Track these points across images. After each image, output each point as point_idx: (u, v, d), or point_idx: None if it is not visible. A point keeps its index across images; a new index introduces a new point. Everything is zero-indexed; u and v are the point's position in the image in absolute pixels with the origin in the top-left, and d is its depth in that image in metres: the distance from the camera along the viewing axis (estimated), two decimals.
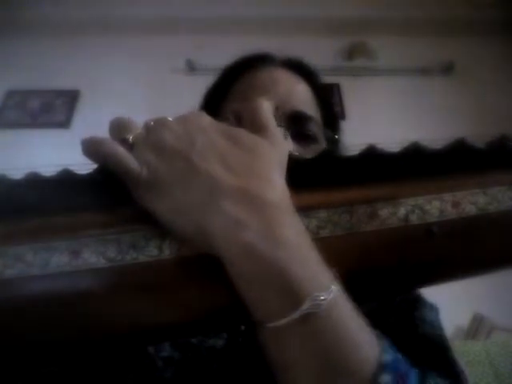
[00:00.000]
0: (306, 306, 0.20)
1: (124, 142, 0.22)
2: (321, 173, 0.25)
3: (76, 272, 0.21)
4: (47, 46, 1.91)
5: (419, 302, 0.41)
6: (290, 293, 0.20)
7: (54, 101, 1.85)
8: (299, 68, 0.51)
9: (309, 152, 0.41)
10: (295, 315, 0.20)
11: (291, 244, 0.21)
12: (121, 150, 0.21)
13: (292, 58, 0.53)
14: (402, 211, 0.24)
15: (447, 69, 1.91)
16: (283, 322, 0.20)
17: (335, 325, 0.20)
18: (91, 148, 0.22)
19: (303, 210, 0.24)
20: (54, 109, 1.83)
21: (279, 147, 0.24)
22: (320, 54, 1.84)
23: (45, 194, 0.23)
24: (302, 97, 0.47)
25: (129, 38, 1.92)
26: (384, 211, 0.24)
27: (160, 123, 0.23)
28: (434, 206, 0.24)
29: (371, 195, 0.24)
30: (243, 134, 0.23)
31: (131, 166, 0.21)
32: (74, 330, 0.22)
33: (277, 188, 0.22)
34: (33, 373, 0.29)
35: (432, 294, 0.39)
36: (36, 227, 0.22)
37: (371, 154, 0.25)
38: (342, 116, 1.77)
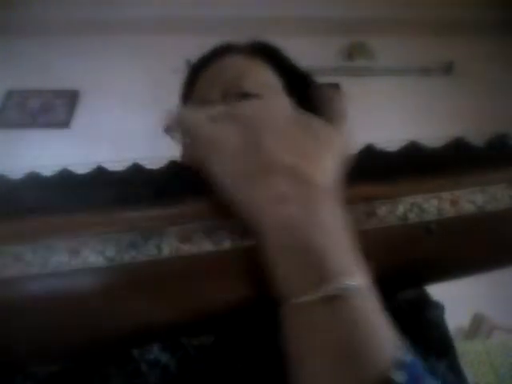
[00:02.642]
0: (331, 287, 0.20)
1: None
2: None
3: (75, 271, 0.21)
4: (47, 45, 1.92)
5: (425, 301, 0.40)
6: (319, 270, 0.20)
7: (54, 101, 1.85)
8: (255, 49, 0.49)
9: None
10: (320, 293, 0.20)
11: (329, 225, 0.22)
12: (202, 118, 0.25)
13: (253, 40, 0.51)
14: (400, 210, 0.24)
15: (447, 69, 1.91)
16: (307, 298, 0.20)
17: (358, 313, 0.21)
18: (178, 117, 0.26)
19: None
20: (54, 109, 1.84)
21: (343, 139, 0.26)
22: (320, 53, 1.85)
23: (44, 193, 0.23)
24: (254, 78, 0.45)
25: (129, 37, 1.92)
26: (382, 209, 0.24)
27: (245, 103, 0.27)
28: (433, 204, 0.24)
29: (369, 194, 0.24)
30: (316, 122, 0.25)
31: (208, 130, 0.24)
32: (74, 330, 0.22)
33: (327, 173, 0.23)
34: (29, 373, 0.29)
35: (432, 293, 0.39)
36: (35, 227, 0.22)
37: (369, 153, 0.25)
38: None
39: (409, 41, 1.95)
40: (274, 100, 0.26)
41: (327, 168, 0.23)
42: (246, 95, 0.41)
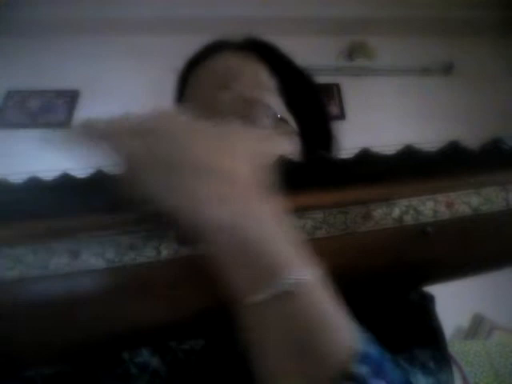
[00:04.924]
0: (281, 284, 0.20)
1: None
2: (316, 174, 0.25)
3: (75, 273, 0.22)
4: (47, 46, 1.91)
5: (426, 297, 0.40)
6: (266, 269, 0.20)
7: (54, 101, 1.85)
8: (249, 46, 0.48)
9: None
10: (270, 291, 0.20)
11: (268, 222, 0.22)
12: (117, 132, 0.24)
13: (248, 38, 0.49)
14: (396, 212, 0.24)
15: (447, 69, 1.91)
16: (259, 297, 0.20)
17: (310, 306, 0.21)
18: (89, 128, 0.24)
19: (299, 211, 0.24)
20: (54, 109, 1.83)
21: (250, 142, 0.25)
22: (320, 53, 1.85)
23: (44, 196, 0.23)
24: (247, 78, 0.44)
25: (129, 37, 1.92)
26: (378, 212, 0.24)
27: (155, 113, 0.25)
28: (428, 206, 0.25)
29: (365, 196, 0.25)
30: (225, 129, 0.25)
31: (125, 146, 0.23)
32: (73, 331, 0.23)
33: (251, 172, 0.23)
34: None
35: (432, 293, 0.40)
36: (36, 229, 0.22)
37: (365, 156, 0.25)
38: (342, 116, 1.77)
39: (409, 41, 1.94)
40: (173, 110, 0.27)
41: (249, 168, 0.23)
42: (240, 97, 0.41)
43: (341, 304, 0.22)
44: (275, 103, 0.42)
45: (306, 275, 0.20)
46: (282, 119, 0.42)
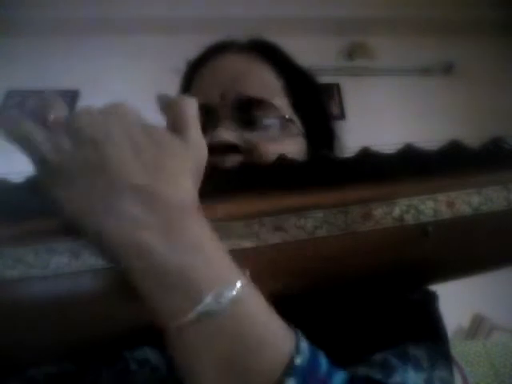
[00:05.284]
0: (205, 304, 0.19)
1: (44, 122, 0.22)
2: (316, 173, 0.25)
3: (76, 273, 0.22)
4: (47, 46, 1.91)
5: (429, 294, 0.39)
6: (189, 291, 0.20)
7: None
8: (254, 47, 0.47)
9: (255, 137, 0.38)
10: (195, 312, 0.19)
11: (191, 244, 0.21)
12: (34, 130, 0.21)
13: (253, 39, 0.49)
14: (396, 211, 0.24)
15: (447, 69, 1.91)
16: (184, 320, 0.19)
17: (238, 323, 0.20)
18: (4, 125, 0.22)
19: (299, 210, 0.24)
20: None
21: (196, 151, 0.24)
22: (320, 53, 1.84)
23: (45, 196, 0.23)
24: (253, 79, 0.43)
25: (129, 37, 1.92)
26: (378, 211, 0.24)
27: (84, 110, 0.23)
28: (429, 205, 0.25)
29: (366, 195, 0.25)
30: (163, 133, 0.23)
31: (40, 147, 0.21)
32: (74, 330, 0.23)
33: (182, 190, 0.22)
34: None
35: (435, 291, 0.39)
36: (36, 229, 0.22)
37: (366, 156, 0.25)
38: (342, 116, 1.77)
39: (409, 41, 1.94)
40: (118, 109, 0.23)
41: (181, 184, 0.22)
42: (245, 98, 0.41)
43: (273, 312, 0.21)
44: (283, 104, 0.42)
45: (231, 291, 0.20)
46: (289, 120, 0.41)
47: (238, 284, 0.20)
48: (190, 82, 0.48)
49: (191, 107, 0.25)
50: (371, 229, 0.24)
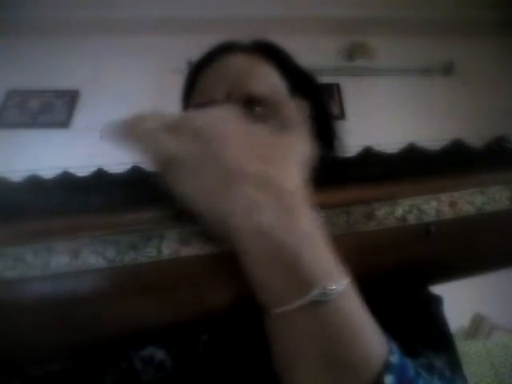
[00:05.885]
0: (314, 294, 0.20)
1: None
2: (318, 174, 0.25)
3: (76, 272, 0.22)
4: (47, 45, 1.92)
5: (427, 295, 0.40)
6: (300, 278, 0.20)
7: (54, 101, 1.85)
8: (259, 49, 0.48)
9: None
10: (303, 301, 0.20)
11: (306, 232, 0.21)
12: (157, 130, 0.23)
13: (257, 40, 0.50)
14: (399, 211, 0.24)
15: (447, 69, 1.91)
16: (290, 307, 0.20)
17: (342, 317, 0.20)
18: (129, 127, 0.24)
19: None
20: (54, 109, 1.84)
21: (303, 145, 0.25)
22: (320, 53, 1.85)
23: (45, 195, 0.23)
24: (259, 79, 0.44)
25: (129, 37, 1.92)
26: (381, 211, 0.24)
27: (195, 113, 0.25)
28: (432, 205, 0.24)
29: (368, 195, 0.24)
30: (269, 130, 0.25)
31: (168, 145, 0.23)
32: (74, 331, 0.22)
33: (294, 178, 0.23)
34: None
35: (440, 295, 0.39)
36: (36, 228, 0.22)
37: (368, 155, 0.25)
38: (342, 116, 1.77)
39: (409, 41, 1.95)
40: (224, 110, 0.26)
41: (292, 173, 0.23)
42: (251, 97, 0.41)
43: (369, 313, 0.22)
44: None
45: (340, 285, 0.20)
46: None
47: (344, 280, 0.21)
48: (193, 83, 0.49)
49: (298, 109, 0.27)
50: (374, 229, 0.24)
